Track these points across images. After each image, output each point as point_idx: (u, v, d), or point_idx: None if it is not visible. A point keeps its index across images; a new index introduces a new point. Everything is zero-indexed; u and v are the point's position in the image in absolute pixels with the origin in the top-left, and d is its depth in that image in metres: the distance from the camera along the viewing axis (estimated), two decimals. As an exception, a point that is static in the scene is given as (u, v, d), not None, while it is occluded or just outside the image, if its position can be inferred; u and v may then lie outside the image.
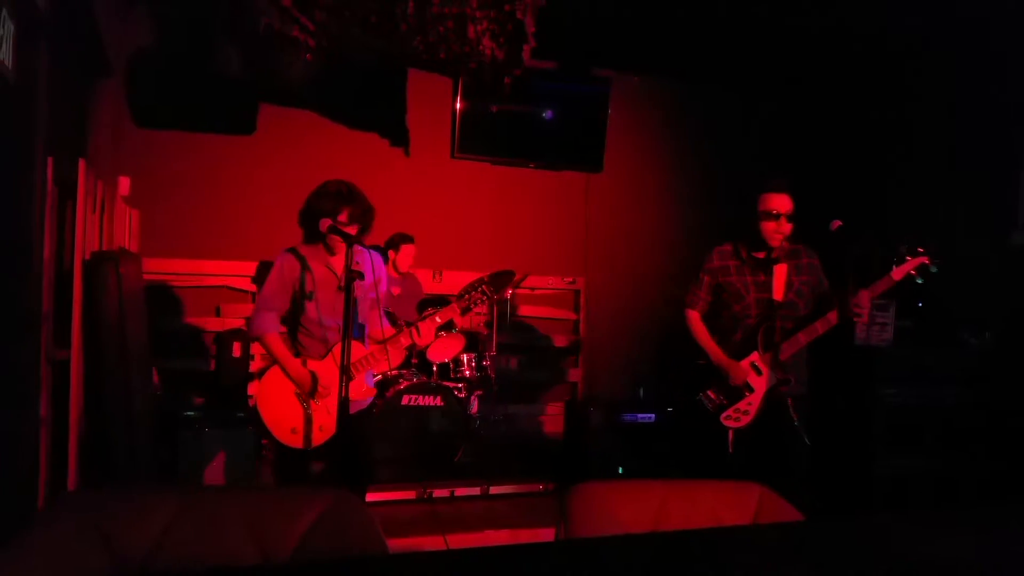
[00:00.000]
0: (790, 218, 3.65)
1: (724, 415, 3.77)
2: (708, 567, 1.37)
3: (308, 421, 3.53)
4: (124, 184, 5.34)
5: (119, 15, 5.37)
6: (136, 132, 5.74)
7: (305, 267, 3.55)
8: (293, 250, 3.54)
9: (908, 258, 3.53)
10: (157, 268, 5.72)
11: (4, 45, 2.82)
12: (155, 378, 5.22)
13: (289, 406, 3.51)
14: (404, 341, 3.80)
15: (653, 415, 5.30)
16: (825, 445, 4.87)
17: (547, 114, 6.73)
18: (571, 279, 7.04)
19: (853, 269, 3.66)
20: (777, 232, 3.67)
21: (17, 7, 2.98)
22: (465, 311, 4.11)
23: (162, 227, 5.79)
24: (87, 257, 3.85)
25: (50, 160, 3.50)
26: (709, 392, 3.82)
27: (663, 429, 5.30)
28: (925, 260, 3.50)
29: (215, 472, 4.70)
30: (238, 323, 5.95)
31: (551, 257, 6.96)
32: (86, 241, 3.81)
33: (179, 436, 4.72)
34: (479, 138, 6.58)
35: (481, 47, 4.54)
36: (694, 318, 3.93)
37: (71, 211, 3.82)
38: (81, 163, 3.65)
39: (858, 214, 3.75)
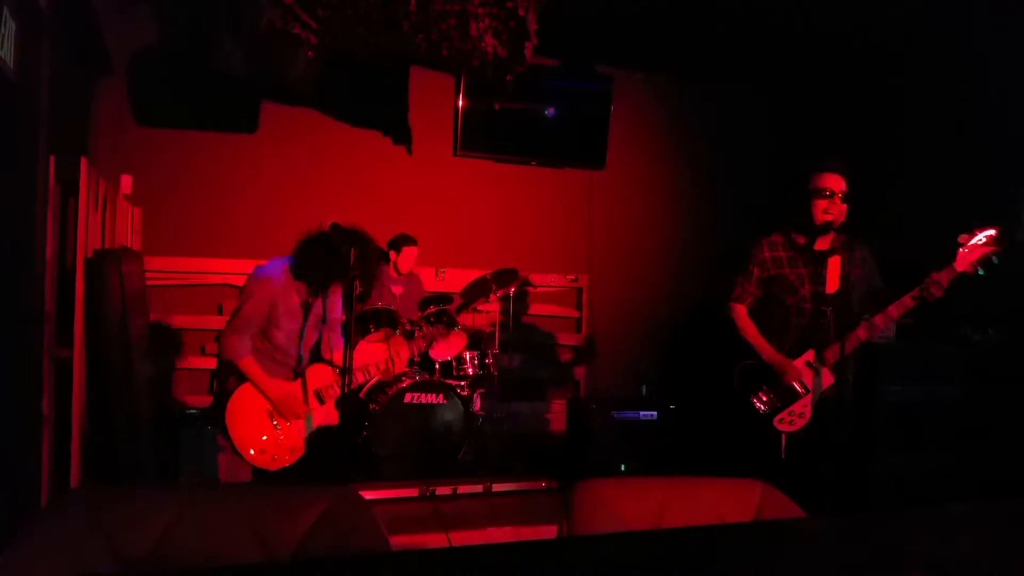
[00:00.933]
0: (844, 198, 3.45)
1: (778, 418, 3.51)
2: (710, 564, 1.37)
3: (277, 443, 3.54)
4: (126, 182, 5.35)
5: (120, 13, 5.38)
6: (138, 130, 5.74)
7: (316, 293, 3.57)
8: (284, 274, 3.48)
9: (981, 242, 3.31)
10: (159, 266, 5.72)
11: (6, 44, 2.82)
12: (157, 377, 5.23)
13: (259, 426, 3.51)
14: (374, 372, 3.97)
15: (656, 412, 5.30)
16: (826, 442, 4.86)
17: (550, 111, 6.72)
18: (574, 277, 7.03)
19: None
20: (827, 212, 3.45)
21: (19, 6, 2.98)
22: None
23: (164, 225, 5.80)
24: (89, 255, 3.85)
25: (52, 159, 3.51)
26: (761, 394, 3.56)
27: (666, 426, 5.30)
28: (990, 250, 3.27)
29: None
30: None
31: (554, 255, 6.96)
32: (88, 239, 3.81)
33: (181, 435, 4.73)
34: (482, 136, 6.58)
35: (483, 44, 4.53)
36: (741, 313, 3.68)
37: (73, 209, 3.82)
38: (83, 161, 3.65)
39: (861, 211, 3.73)
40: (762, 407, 3.54)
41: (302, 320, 3.58)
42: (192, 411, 5.05)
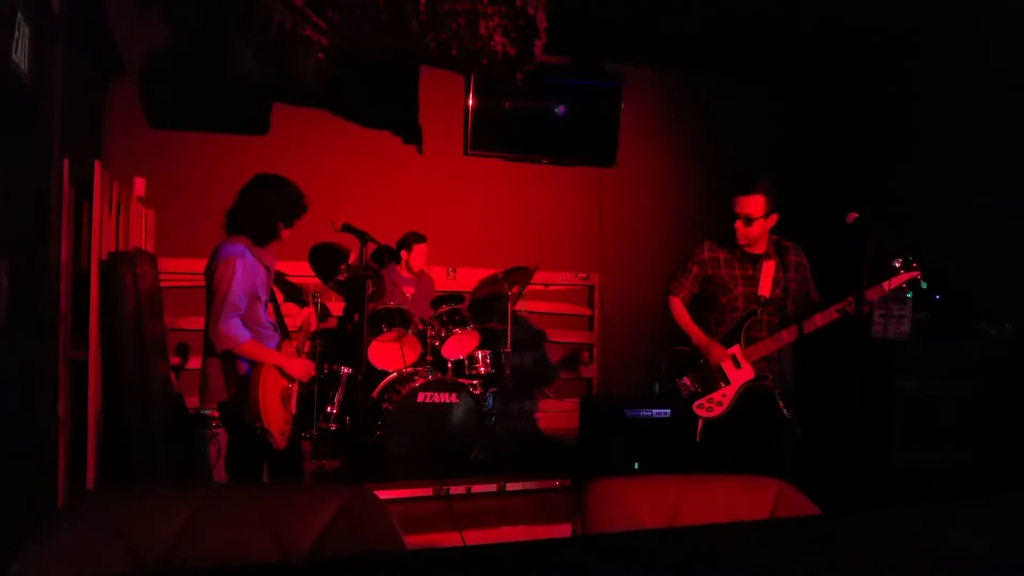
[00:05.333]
0: (761, 219, 3.70)
1: (696, 403, 3.83)
2: (725, 562, 1.37)
3: (288, 420, 3.56)
4: (139, 185, 5.38)
5: (133, 17, 5.41)
6: (151, 133, 5.77)
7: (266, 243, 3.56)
8: (247, 248, 3.43)
9: (902, 272, 3.64)
10: (173, 268, 5.75)
11: (20, 48, 2.84)
12: (172, 377, 5.25)
13: (277, 408, 3.49)
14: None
15: (668, 410, 5.27)
16: (842, 438, 4.85)
17: (560, 109, 6.71)
18: (585, 275, 7.02)
19: (870, 262, 3.65)
20: (742, 236, 3.76)
21: (32, 10, 3.00)
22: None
23: (177, 227, 5.82)
24: (104, 258, 3.87)
25: (66, 161, 3.53)
26: (686, 379, 3.89)
27: (679, 424, 5.27)
28: (917, 275, 3.61)
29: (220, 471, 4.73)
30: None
31: (565, 253, 6.96)
32: (102, 242, 3.83)
33: (195, 435, 4.74)
34: (492, 134, 6.58)
35: (493, 43, 4.53)
36: (676, 304, 3.98)
37: (87, 212, 3.84)
38: (96, 164, 3.67)
39: (874, 206, 3.73)
40: (684, 391, 3.87)
41: (268, 288, 3.58)
42: (206, 411, 5.07)
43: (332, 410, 5.12)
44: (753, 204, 3.70)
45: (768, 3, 5.42)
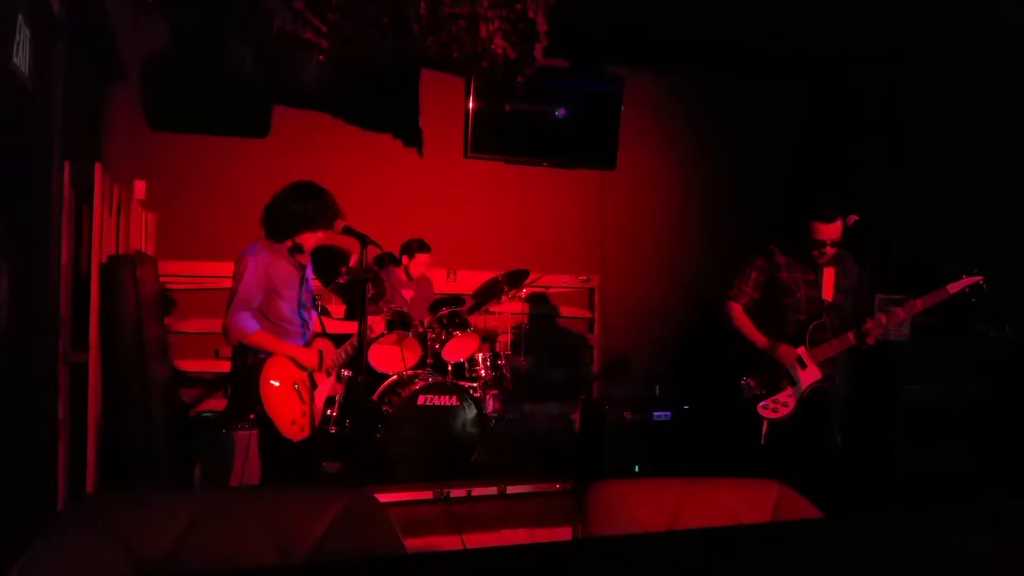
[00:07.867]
0: (835, 243, 3.73)
1: (761, 405, 3.80)
2: (726, 565, 1.36)
3: (303, 413, 3.61)
4: (140, 187, 5.38)
5: (133, 19, 5.41)
6: (151, 135, 5.77)
7: (300, 265, 3.69)
8: (263, 247, 3.58)
9: (964, 276, 3.65)
10: (173, 271, 5.75)
11: (20, 51, 2.84)
12: (172, 380, 5.25)
13: (288, 398, 3.55)
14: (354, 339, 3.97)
15: (670, 413, 5.28)
16: (844, 441, 4.84)
17: (560, 112, 6.71)
18: (585, 277, 7.02)
19: (871, 264, 3.67)
20: (821, 256, 3.76)
21: (33, 13, 3.01)
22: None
23: (178, 230, 5.82)
24: (104, 260, 3.87)
25: (67, 164, 3.53)
26: (749, 380, 3.85)
27: (680, 427, 5.28)
28: (979, 279, 3.63)
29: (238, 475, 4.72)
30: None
31: (565, 255, 6.95)
32: (103, 245, 3.84)
33: (196, 438, 4.74)
34: (492, 137, 6.57)
35: (493, 46, 4.53)
36: (737, 310, 3.95)
37: (88, 215, 3.85)
38: (97, 167, 3.68)
39: (874, 210, 3.74)
40: (747, 393, 3.83)
41: (299, 285, 3.67)
42: (206, 414, 5.07)
43: (332, 413, 5.11)
44: (836, 230, 3.72)
45: (767, 6, 5.42)
